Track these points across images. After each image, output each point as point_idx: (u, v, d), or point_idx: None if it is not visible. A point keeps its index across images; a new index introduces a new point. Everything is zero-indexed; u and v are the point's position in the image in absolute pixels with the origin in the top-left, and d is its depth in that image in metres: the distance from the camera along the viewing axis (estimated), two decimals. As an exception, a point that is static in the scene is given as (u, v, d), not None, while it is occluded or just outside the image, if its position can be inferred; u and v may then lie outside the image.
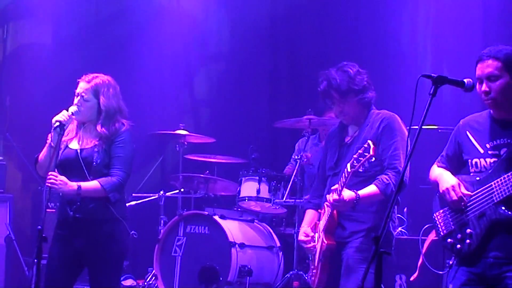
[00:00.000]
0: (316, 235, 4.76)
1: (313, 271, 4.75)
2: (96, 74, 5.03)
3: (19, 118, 8.52)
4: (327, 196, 4.63)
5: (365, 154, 4.40)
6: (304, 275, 6.55)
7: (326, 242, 4.63)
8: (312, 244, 4.76)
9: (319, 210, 4.85)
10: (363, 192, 4.54)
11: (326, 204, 4.66)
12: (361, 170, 4.45)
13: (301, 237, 4.84)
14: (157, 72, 9.02)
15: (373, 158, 4.43)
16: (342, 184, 4.48)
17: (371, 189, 4.55)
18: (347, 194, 4.51)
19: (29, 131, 7.78)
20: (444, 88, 3.85)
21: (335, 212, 4.62)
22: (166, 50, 8.98)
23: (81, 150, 4.90)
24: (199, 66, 9.19)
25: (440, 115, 6.86)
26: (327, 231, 4.64)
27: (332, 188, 4.57)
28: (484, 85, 3.92)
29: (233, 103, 9.28)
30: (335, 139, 4.91)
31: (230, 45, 9.31)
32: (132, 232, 5.03)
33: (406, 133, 4.64)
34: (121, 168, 4.89)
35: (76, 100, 4.93)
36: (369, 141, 4.42)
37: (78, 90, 4.96)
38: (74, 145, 4.94)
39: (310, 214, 4.95)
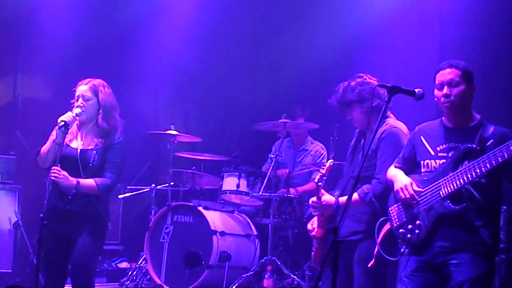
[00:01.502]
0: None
1: (312, 253, 4.76)
2: (90, 79, 5.03)
3: (29, 117, 8.44)
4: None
5: (321, 171, 4.56)
6: (277, 261, 6.60)
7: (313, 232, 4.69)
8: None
9: None
10: (343, 198, 4.51)
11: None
12: (320, 184, 4.50)
13: (308, 225, 4.78)
14: (152, 78, 8.99)
15: (324, 177, 4.49)
16: (319, 189, 4.54)
17: (353, 196, 4.38)
18: (325, 198, 4.56)
19: (37, 129, 7.71)
20: (404, 99, 3.90)
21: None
22: (160, 57, 8.92)
23: (81, 150, 4.88)
24: (188, 73, 9.13)
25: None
26: (318, 225, 4.66)
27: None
28: (445, 88, 3.97)
29: (218, 107, 9.26)
30: (355, 142, 4.76)
31: (218, 53, 9.20)
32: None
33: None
34: (115, 172, 4.89)
35: (78, 102, 4.91)
36: (330, 160, 4.62)
37: (78, 93, 4.95)
38: (75, 144, 4.91)
39: None
